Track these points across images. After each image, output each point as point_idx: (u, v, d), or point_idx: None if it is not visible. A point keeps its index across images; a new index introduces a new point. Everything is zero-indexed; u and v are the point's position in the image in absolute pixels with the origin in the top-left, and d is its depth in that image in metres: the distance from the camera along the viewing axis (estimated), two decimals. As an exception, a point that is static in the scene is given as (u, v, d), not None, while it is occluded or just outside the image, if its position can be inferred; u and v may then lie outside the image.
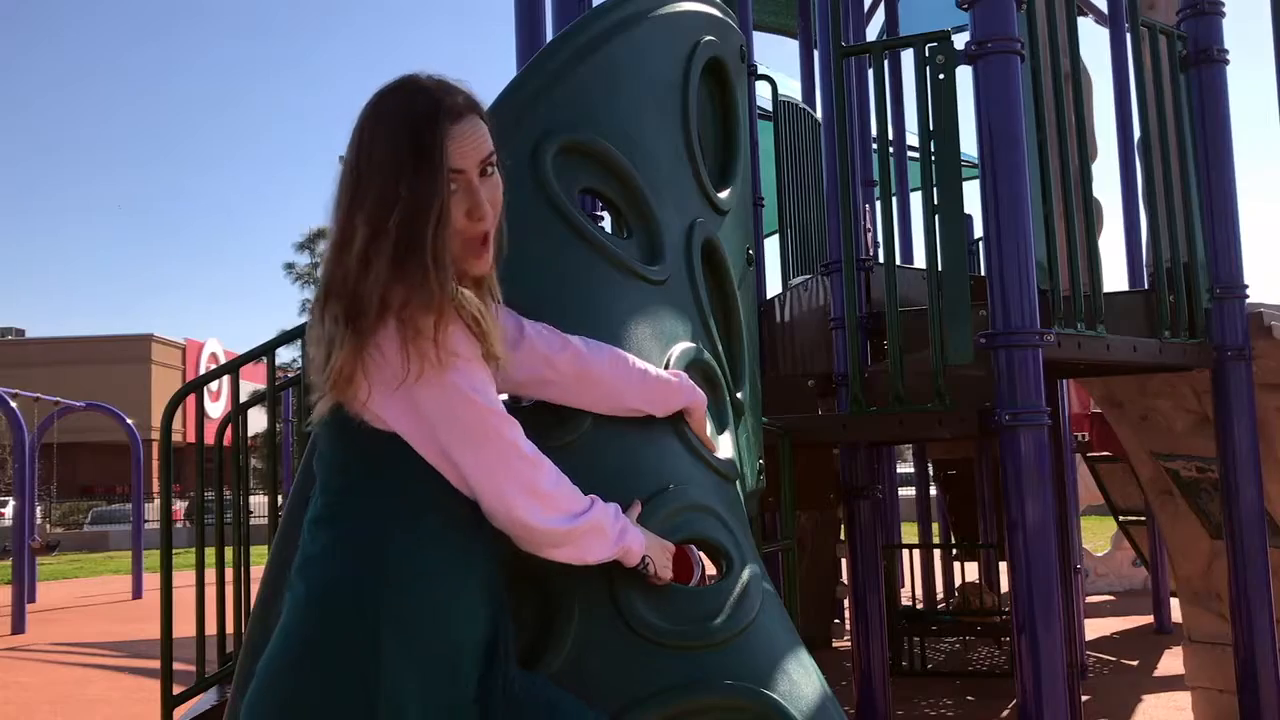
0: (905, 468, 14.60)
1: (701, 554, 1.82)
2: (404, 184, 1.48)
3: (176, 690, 3.51)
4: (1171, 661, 6.21)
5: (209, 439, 4.25)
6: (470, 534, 1.52)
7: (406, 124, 1.52)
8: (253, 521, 4.68)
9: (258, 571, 2.14)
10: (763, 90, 5.52)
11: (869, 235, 4.59)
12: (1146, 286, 4.24)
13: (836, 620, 7.19)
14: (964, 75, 3.21)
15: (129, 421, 13.57)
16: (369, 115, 1.55)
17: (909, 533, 9.46)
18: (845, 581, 5.32)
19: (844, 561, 5.54)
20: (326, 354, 1.48)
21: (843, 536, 6.14)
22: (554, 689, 1.60)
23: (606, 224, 2.59)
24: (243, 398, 3.94)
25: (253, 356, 3.89)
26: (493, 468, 1.49)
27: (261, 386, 4.00)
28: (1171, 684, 5.61)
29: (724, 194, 2.24)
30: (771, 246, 6.06)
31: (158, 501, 7.92)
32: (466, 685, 1.49)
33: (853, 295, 3.66)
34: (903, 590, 7.25)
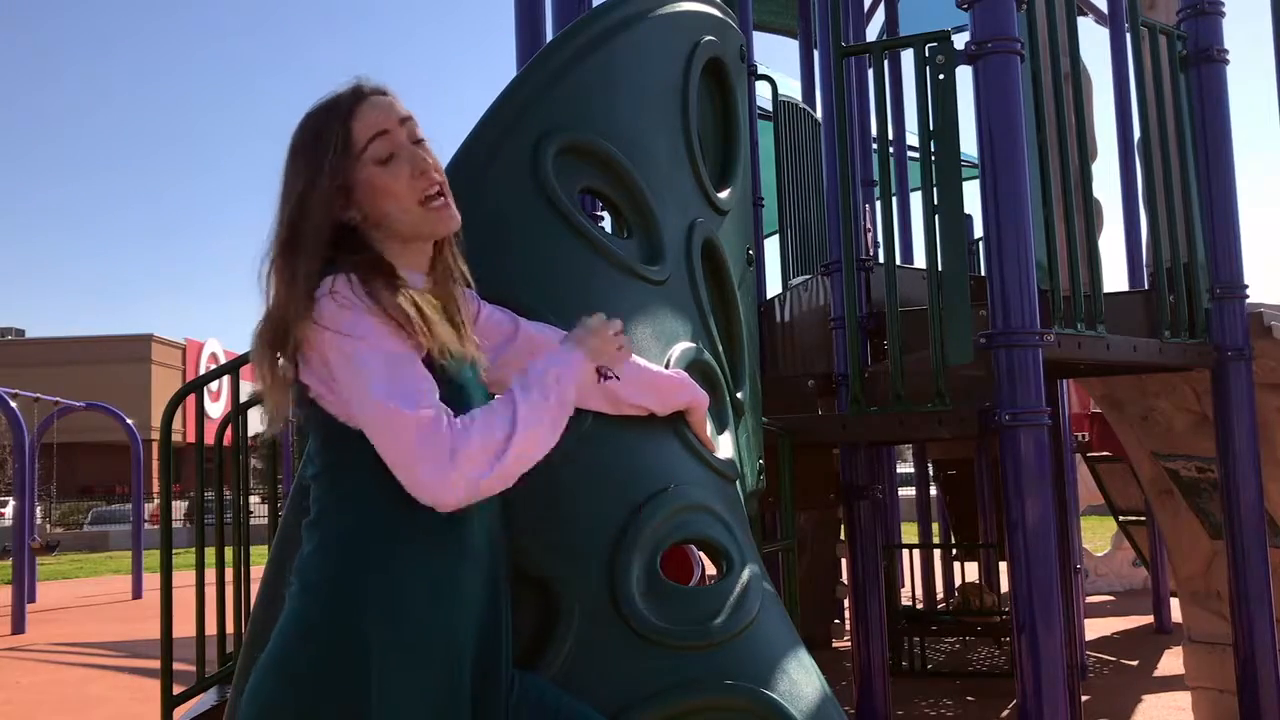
0: (905, 468, 14.60)
1: (701, 554, 1.82)
2: (304, 173, 1.54)
3: (176, 690, 3.50)
4: (1171, 661, 6.21)
5: (209, 439, 4.24)
6: (451, 523, 1.49)
7: (313, 120, 1.58)
8: (253, 521, 4.68)
9: (258, 571, 2.14)
10: (763, 90, 5.52)
11: (869, 235, 4.59)
12: (1146, 286, 4.25)
13: (836, 620, 7.19)
14: (964, 75, 3.21)
15: (129, 421, 13.57)
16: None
17: (909, 533, 9.46)
18: (845, 581, 5.33)
19: (844, 561, 5.54)
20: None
21: (843, 536, 6.14)
22: (555, 691, 1.59)
23: (606, 224, 2.59)
24: (243, 398, 3.94)
25: (253, 356, 3.88)
26: (395, 458, 1.43)
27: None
28: (1171, 684, 5.61)
29: (724, 194, 2.24)
30: (771, 246, 6.06)
31: (158, 501, 7.92)
32: (458, 679, 1.48)
33: (853, 295, 3.66)
34: (903, 590, 7.25)
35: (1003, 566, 5.52)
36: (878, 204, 4.58)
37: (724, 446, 1.99)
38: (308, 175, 1.54)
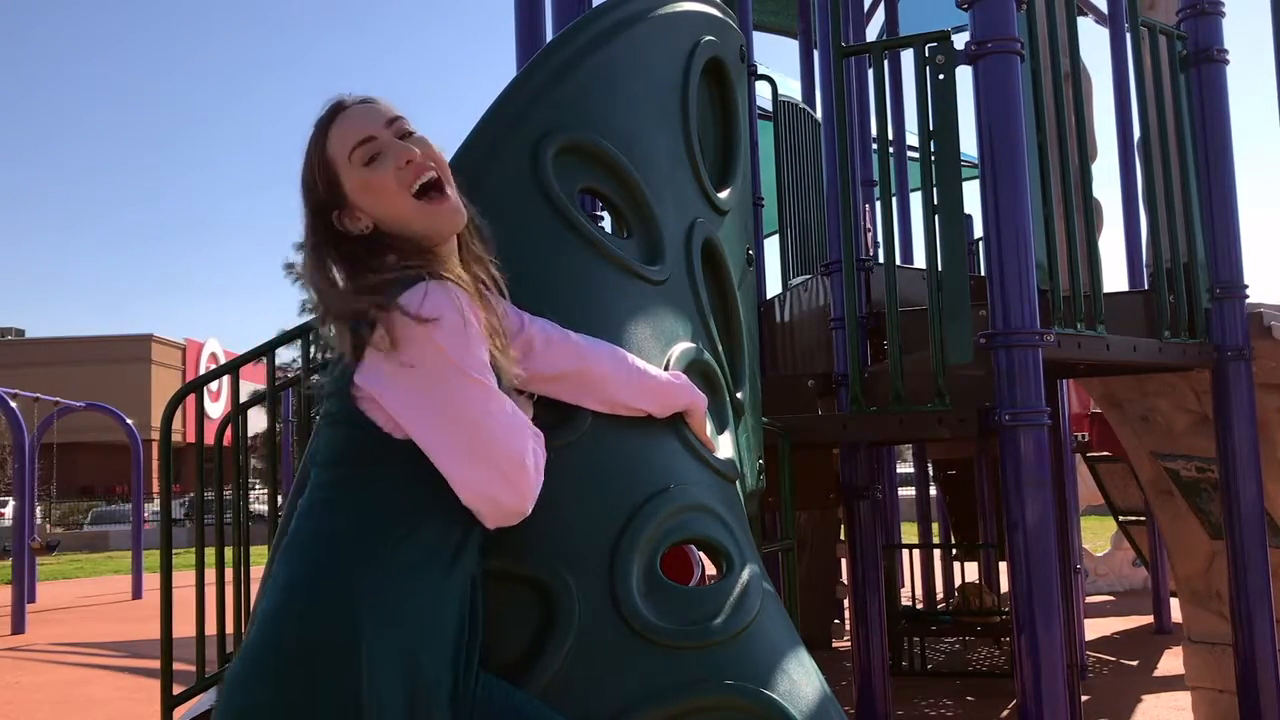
0: (905, 468, 14.59)
1: (701, 554, 1.82)
2: (304, 195, 1.63)
3: (176, 690, 3.51)
4: (1171, 661, 6.21)
5: (209, 439, 4.24)
6: (449, 534, 1.51)
7: (307, 144, 1.64)
8: (252, 522, 4.68)
9: (258, 571, 2.14)
10: (763, 90, 5.52)
11: (869, 235, 4.59)
12: (1146, 286, 4.24)
13: (836, 620, 7.20)
14: (964, 75, 3.21)
15: (129, 421, 13.57)
16: None
17: (909, 533, 9.46)
18: (845, 581, 5.33)
19: (844, 561, 5.54)
20: None
21: (843, 536, 6.14)
22: (518, 693, 1.59)
23: (606, 224, 2.59)
24: (243, 398, 3.94)
25: (253, 356, 3.89)
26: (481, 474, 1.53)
27: (261, 386, 4.00)
28: (1171, 684, 5.61)
29: (724, 194, 2.24)
30: (771, 246, 6.06)
31: (158, 501, 7.92)
32: (439, 685, 1.48)
33: (853, 295, 3.66)
34: (903, 590, 7.25)
35: (1003, 566, 5.52)
36: (878, 204, 4.58)
37: (724, 446, 1.99)
38: (305, 196, 1.62)
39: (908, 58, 3.55)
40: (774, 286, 5.61)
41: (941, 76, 3.21)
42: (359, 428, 1.54)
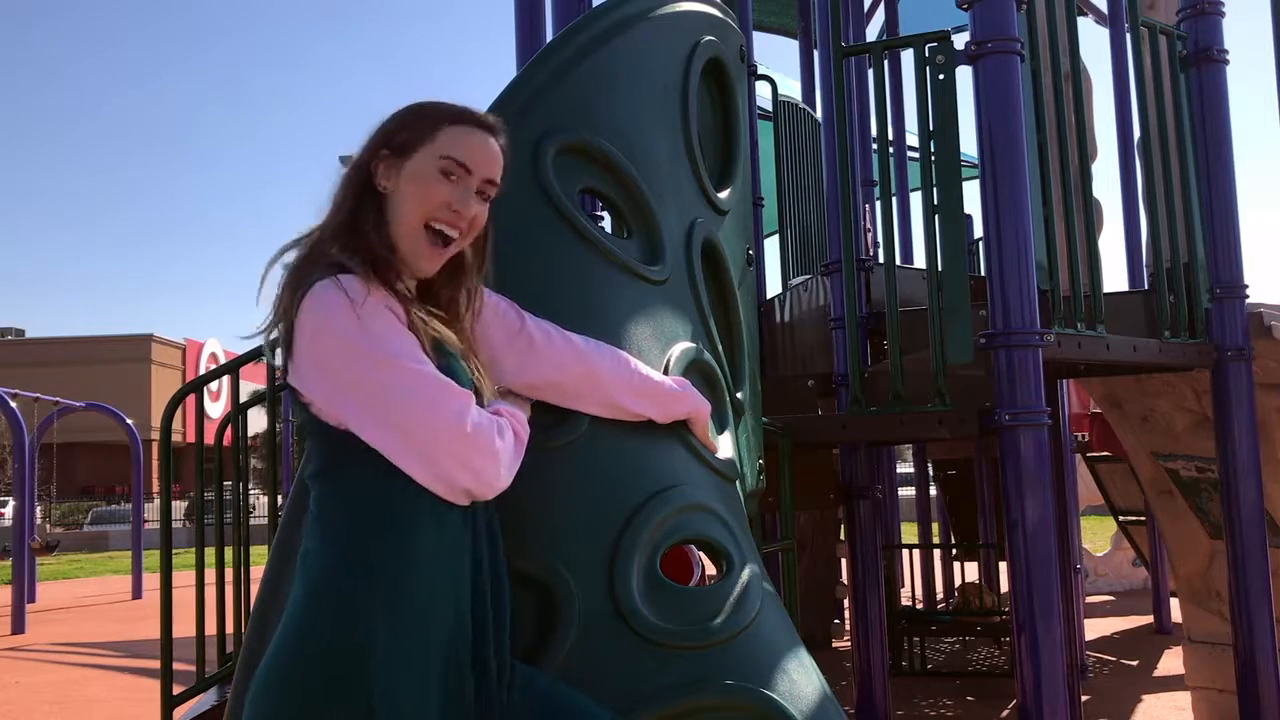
0: (905, 468, 14.60)
1: (701, 554, 1.82)
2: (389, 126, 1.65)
3: (176, 690, 3.51)
4: (1171, 661, 6.21)
5: (209, 439, 4.23)
6: (441, 517, 1.50)
7: (436, 103, 1.66)
8: (253, 521, 4.67)
9: (258, 571, 2.14)
10: (763, 90, 5.52)
11: (869, 235, 4.59)
12: (1146, 286, 4.24)
13: (836, 620, 7.19)
14: (964, 75, 3.21)
15: (129, 421, 13.56)
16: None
17: (909, 533, 9.46)
18: (845, 581, 5.33)
19: (844, 561, 5.54)
20: None
21: (843, 536, 6.14)
22: (550, 680, 1.59)
23: (606, 224, 2.59)
24: (243, 398, 3.94)
25: (253, 356, 3.87)
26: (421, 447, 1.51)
27: (261, 386, 4.00)
28: (1171, 684, 5.61)
29: (724, 194, 2.24)
30: (771, 246, 6.06)
31: (158, 501, 7.92)
32: (456, 673, 1.49)
33: (853, 295, 3.66)
34: (903, 590, 7.25)
35: (1003, 566, 5.52)
36: (878, 204, 4.58)
37: (724, 447, 1.99)
38: (381, 128, 1.64)
39: (908, 58, 3.56)
40: (774, 286, 5.61)
41: (941, 76, 3.21)
42: (316, 435, 1.54)
